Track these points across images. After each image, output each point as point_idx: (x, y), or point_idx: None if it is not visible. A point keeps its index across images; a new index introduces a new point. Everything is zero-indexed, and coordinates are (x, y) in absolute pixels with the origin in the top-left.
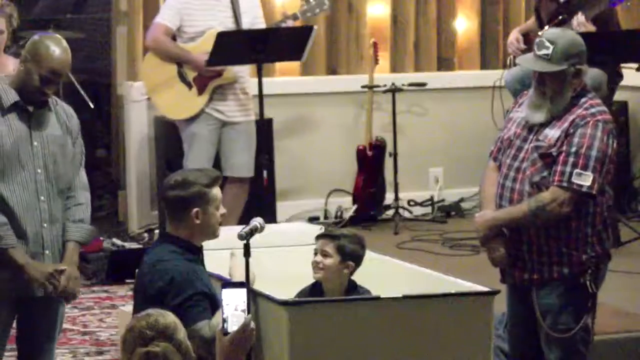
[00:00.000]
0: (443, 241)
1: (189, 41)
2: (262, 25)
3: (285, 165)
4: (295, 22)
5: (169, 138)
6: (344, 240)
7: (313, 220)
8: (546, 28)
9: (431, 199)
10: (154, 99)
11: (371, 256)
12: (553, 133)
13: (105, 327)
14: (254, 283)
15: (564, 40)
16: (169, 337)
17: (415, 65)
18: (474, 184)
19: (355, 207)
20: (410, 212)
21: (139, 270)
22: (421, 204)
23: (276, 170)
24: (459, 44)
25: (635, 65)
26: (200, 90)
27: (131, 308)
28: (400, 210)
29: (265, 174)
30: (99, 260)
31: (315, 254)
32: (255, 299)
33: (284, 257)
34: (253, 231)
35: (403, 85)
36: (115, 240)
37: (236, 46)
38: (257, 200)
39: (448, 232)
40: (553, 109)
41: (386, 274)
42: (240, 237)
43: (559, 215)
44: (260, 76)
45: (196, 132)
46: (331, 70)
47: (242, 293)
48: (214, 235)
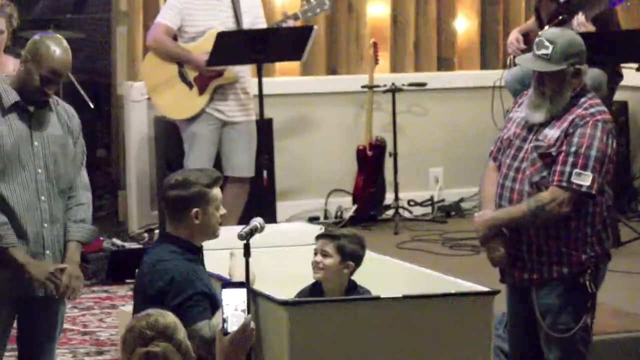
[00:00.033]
0: (443, 241)
1: (189, 41)
2: (263, 25)
3: (285, 165)
4: (296, 22)
5: (169, 138)
6: (344, 240)
7: (313, 220)
8: (546, 28)
9: (431, 199)
10: (154, 98)
11: (371, 256)
12: (552, 133)
13: (105, 327)
14: (254, 283)
15: (564, 40)
16: (169, 337)
17: (415, 65)
18: (474, 184)
19: (355, 207)
20: (410, 212)
21: (139, 270)
22: (421, 204)
23: (276, 170)
24: (459, 44)
25: (635, 65)
26: (200, 90)
27: (131, 308)
28: (400, 210)
29: (265, 174)
30: (99, 260)
31: (315, 254)
32: (255, 299)
33: (284, 257)
34: (253, 231)
35: (403, 85)
36: (115, 240)
37: (236, 46)
38: (257, 200)
39: (448, 232)
40: (552, 108)
41: (386, 274)
42: (240, 237)
43: (559, 215)
44: (260, 76)
45: (197, 132)
46: (331, 70)
47: (242, 293)
48: (214, 235)
